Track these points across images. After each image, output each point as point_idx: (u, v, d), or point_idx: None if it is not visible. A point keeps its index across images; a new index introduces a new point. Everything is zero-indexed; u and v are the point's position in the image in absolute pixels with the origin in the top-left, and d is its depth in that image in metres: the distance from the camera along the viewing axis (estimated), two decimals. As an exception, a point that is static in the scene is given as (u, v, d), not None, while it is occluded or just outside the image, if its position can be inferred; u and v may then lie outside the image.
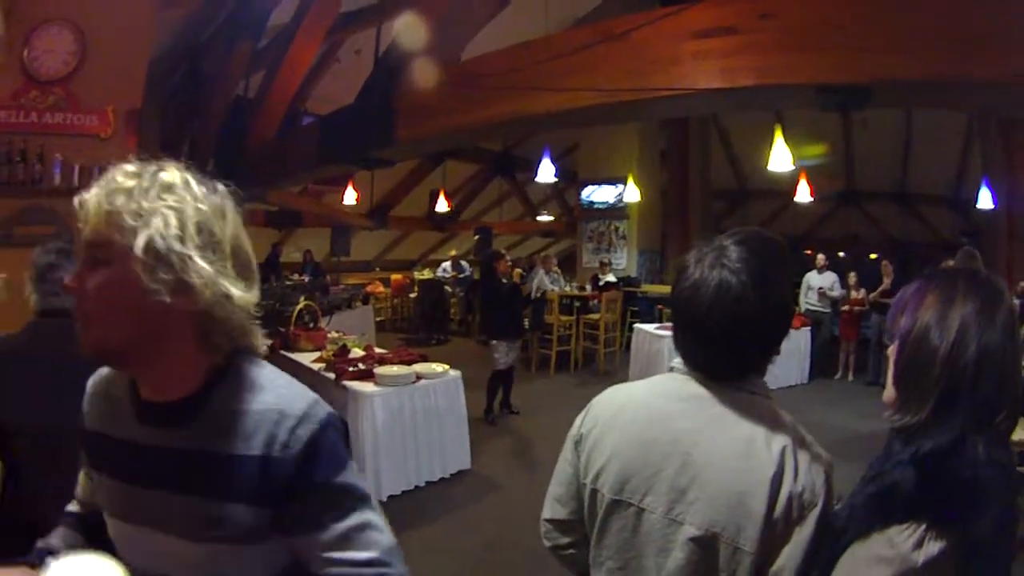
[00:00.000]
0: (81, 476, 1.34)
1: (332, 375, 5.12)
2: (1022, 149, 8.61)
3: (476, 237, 14.76)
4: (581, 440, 1.29)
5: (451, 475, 5.23)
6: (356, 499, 1.06)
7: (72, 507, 1.37)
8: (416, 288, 13.23)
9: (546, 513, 1.36)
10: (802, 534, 1.05)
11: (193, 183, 1.01)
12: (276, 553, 1.05)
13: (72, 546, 1.26)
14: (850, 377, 8.87)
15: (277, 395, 1.06)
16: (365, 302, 10.85)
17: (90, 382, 1.28)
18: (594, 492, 1.23)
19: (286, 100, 5.81)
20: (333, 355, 5.59)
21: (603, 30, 2.83)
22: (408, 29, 3.91)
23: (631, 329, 9.26)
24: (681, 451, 1.13)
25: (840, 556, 1.01)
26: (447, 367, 5.37)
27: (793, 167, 6.60)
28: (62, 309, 1.95)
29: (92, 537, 1.25)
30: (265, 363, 1.17)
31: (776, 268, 1.16)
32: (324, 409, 1.07)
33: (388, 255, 16.72)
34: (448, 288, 12.82)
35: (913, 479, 0.96)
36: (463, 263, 13.42)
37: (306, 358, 5.72)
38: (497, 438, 6.38)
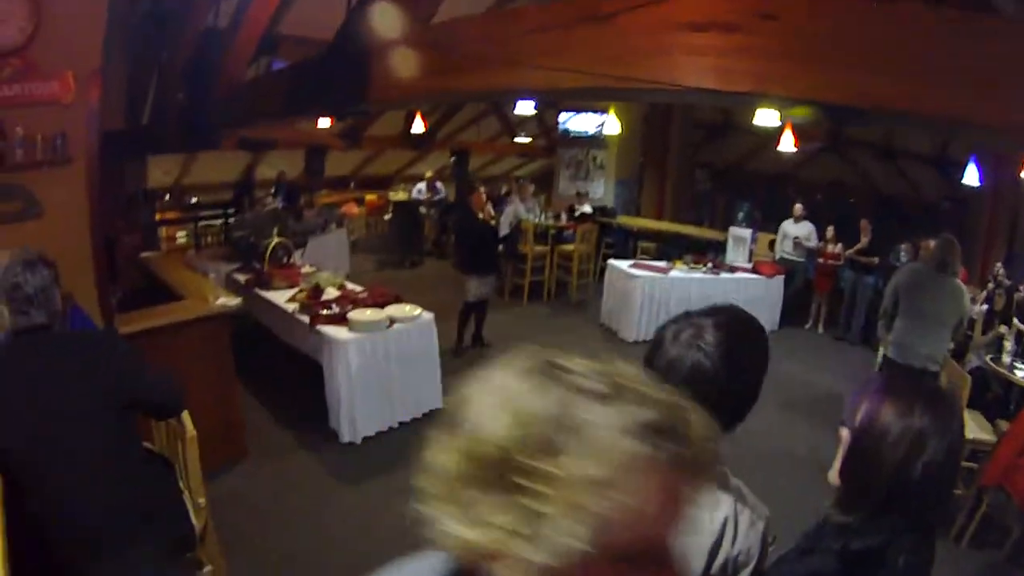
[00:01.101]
0: None
1: (306, 319, 5.18)
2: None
3: (452, 159, 14.52)
4: None
5: (423, 415, 5.37)
6: None
7: None
8: (391, 209, 13.10)
9: None
10: None
11: None
12: None
13: None
14: (820, 329, 8.89)
15: None
16: (340, 225, 10.76)
17: None
18: None
19: (259, 29, 5.54)
20: (307, 295, 5.61)
21: (586, 8, 2.70)
22: None
23: (605, 260, 9.33)
24: None
25: None
26: (420, 309, 5.43)
27: (780, 123, 6.54)
28: (32, 326, 2.01)
29: None
30: None
31: (749, 352, 1.22)
32: None
33: (363, 171, 16.42)
34: (423, 210, 12.72)
35: (837, 573, 1.07)
36: (438, 184, 13.26)
37: (280, 297, 5.75)
38: (469, 372, 6.49)
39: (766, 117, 5.69)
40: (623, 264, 8.35)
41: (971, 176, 7.98)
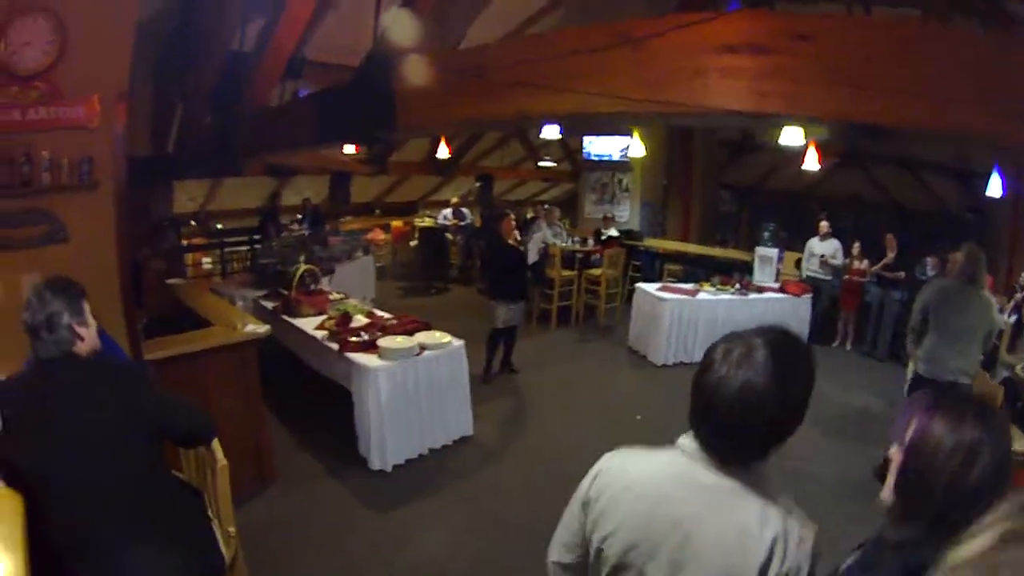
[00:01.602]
0: None
1: (335, 346, 5.09)
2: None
3: (478, 184, 14.54)
4: (589, 504, 1.38)
5: (453, 442, 5.29)
6: None
7: None
8: (416, 235, 13.10)
9: (553, 555, 1.49)
10: None
11: None
12: None
13: None
14: (848, 346, 8.81)
15: None
16: (366, 252, 10.75)
17: None
18: (600, 551, 1.34)
19: (285, 53, 5.58)
20: (335, 323, 5.54)
21: (619, 32, 2.62)
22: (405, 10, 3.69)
23: (633, 283, 9.23)
24: (682, 532, 1.23)
25: None
26: (450, 337, 5.33)
27: (804, 141, 6.41)
28: (50, 356, 1.98)
29: None
30: None
31: (798, 370, 1.24)
32: None
33: (388, 197, 16.51)
34: (449, 236, 12.69)
35: None
36: (464, 210, 13.26)
37: (308, 324, 5.68)
38: (498, 400, 6.41)
39: (791, 136, 5.58)
40: (651, 287, 8.24)
41: (994, 187, 7.80)
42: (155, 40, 5.00)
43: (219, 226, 12.31)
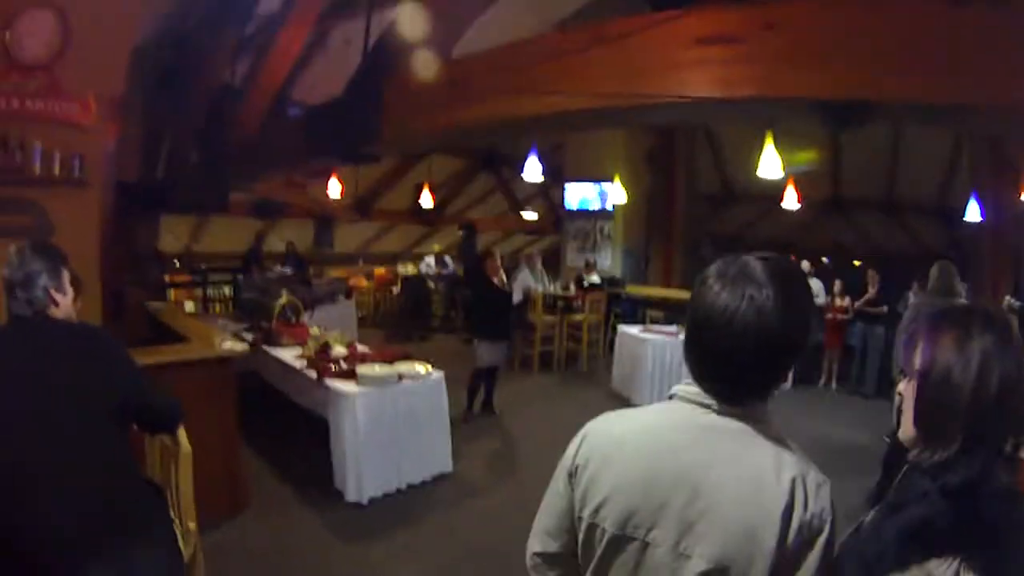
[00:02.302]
0: None
1: (314, 373, 5.03)
2: (1010, 163, 8.72)
3: (461, 233, 14.68)
4: (576, 472, 1.23)
5: (433, 478, 5.17)
6: None
7: None
8: (399, 283, 13.11)
9: (534, 546, 1.31)
10: (811, 558, 1.07)
11: None
12: None
13: None
14: (833, 385, 8.90)
15: None
16: (348, 296, 10.73)
17: None
18: (592, 527, 1.18)
19: (273, 89, 5.70)
20: (315, 352, 5.49)
21: (597, 32, 2.75)
22: (398, 21, 3.83)
23: (614, 330, 9.23)
24: (689, 484, 1.10)
25: None
26: (430, 367, 5.29)
27: (783, 174, 6.58)
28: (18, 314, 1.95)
29: None
30: None
31: (798, 286, 1.14)
32: None
33: (372, 248, 16.59)
34: (431, 284, 12.72)
35: (947, 514, 0.99)
36: (447, 259, 13.34)
37: (288, 354, 5.63)
38: (479, 439, 6.33)
39: (769, 168, 5.64)
40: (633, 329, 8.27)
41: (973, 212, 8.02)
42: (147, 67, 5.09)
43: (203, 266, 12.28)
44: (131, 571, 1.95)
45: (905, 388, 1.14)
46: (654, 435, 1.18)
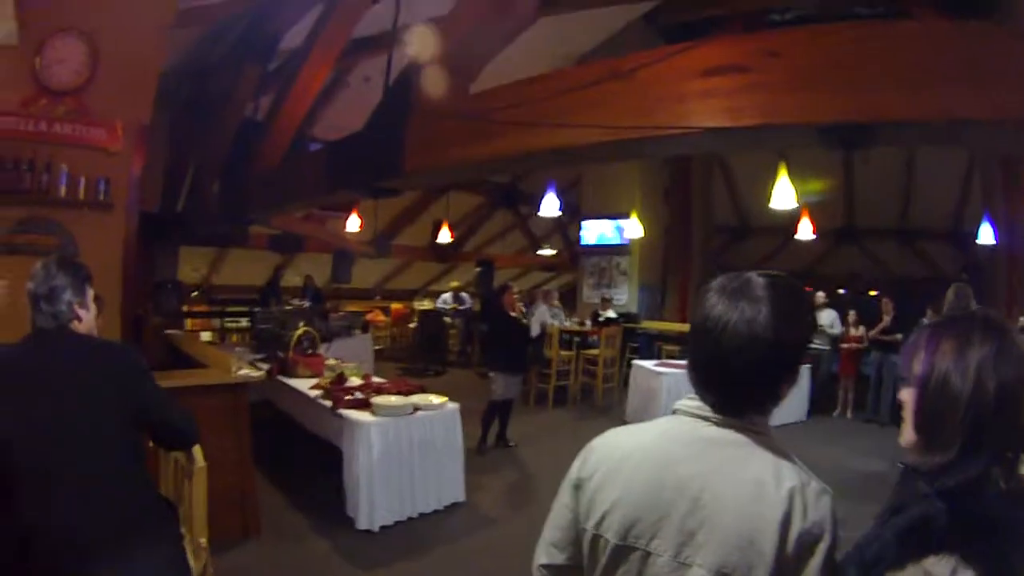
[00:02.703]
0: None
1: (329, 403, 5.06)
2: (1022, 184, 8.67)
3: (478, 269, 14.77)
4: (581, 485, 1.27)
5: (445, 507, 5.14)
6: None
7: None
8: (416, 318, 13.19)
9: (541, 558, 1.33)
10: (812, 566, 1.07)
11: None
12: None
13: None
14: (848, 414, 8.87)
15: None
16: (364, 330, 10.81)
17: None
18: (596, 538, 1.21)
19: (294, 124, 5.84)
20: (330, 383, 5.53)
21: (611, 67, 2.82)
22: (418, 58, 3.94)
23: (630, 365, 9.20)
24: (690, 495, 1.13)
25: None
26: (445, 399, 5.30)
27: (796, 204, 6.62)
28: (42, 328, 2.00)
29: None
30: None
31: (797, 303, 1.18)
32: None
33: (389, 284, 16.72)
34: (448, 319, 12.77)
35: (943, 513, 1.00)
36: (464, 295, 13.40)
37: (303, 384, 5.67)
38: (493, 471, 6.28)
39: (783, 198, 5.67)
40: (648, 363, 8.27)
41: (986, 235, 7.94)
42: (172, 99, 5.27)
43: (220, 297, 12.46)
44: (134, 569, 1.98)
45: (906, 395, 1.15)
46: (657, 448, 1.21)
